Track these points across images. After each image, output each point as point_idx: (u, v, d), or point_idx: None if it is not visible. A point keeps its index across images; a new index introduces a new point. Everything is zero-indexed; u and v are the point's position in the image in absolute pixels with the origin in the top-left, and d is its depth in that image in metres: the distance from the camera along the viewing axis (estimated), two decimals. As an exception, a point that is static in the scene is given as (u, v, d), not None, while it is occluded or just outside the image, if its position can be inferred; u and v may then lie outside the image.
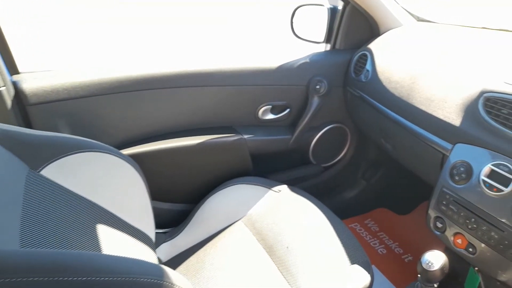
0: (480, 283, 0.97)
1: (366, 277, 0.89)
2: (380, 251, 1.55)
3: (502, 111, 0.84)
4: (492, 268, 0.83)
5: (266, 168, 1.52)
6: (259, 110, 1.38)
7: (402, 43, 1.28)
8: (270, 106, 1.40)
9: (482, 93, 0.90)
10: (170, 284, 0.54)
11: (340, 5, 1.41)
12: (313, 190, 1.58)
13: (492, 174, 0.82)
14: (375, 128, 1.32)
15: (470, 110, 0.92)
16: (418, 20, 1.45)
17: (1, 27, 1.03)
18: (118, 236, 0.88)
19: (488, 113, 0.87)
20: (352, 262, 0.93)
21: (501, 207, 0.80)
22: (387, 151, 1.32)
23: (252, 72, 1.32)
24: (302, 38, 1.53)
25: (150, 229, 1.00)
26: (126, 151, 1.18)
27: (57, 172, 0.83)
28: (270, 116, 1.42)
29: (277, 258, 0.97)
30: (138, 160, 1.07)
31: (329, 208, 1.14)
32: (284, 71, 1.36)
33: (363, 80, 1.31)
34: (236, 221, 1.12)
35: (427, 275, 0.74)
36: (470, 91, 0.93)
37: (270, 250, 0.99)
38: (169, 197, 1.32)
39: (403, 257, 1.51)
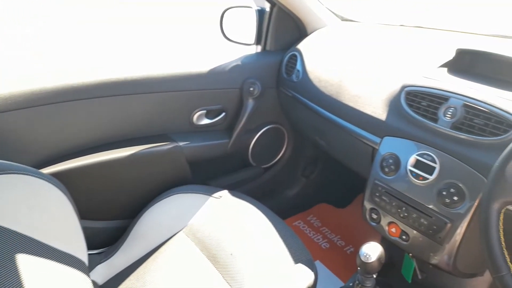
0: (415, 267, 1.02)
1: (310, 276, 0.90)
2: (324, 245, 1.59)
3: (422, 103, 0.90)
4: (425, 253, 0.88)
5: (205, 174, 1.48)
6: (193, 115, 1.34)
7: (328, 43, 1.32)
8: (205, 111, 1.36)
9: (403, 87, 0.95)
10: None
11: (267, 7, 1.42)
12: (255, 192, 1.57)
13: (417, 164, 0.87)
14: (310, 126, 1.35)
15: (394, 105, 0.96)
16: (342, 20, 1.51)
17: None
18: (45, 264, 0.80)
19: (410, 106, 0.92)
20: (296, 262, 0.93)
21: (427, 194, 0.85)
22: (322, 148, 1.35)
23: (183, 77, 1.27)
24: (233, 41, 1.52)
25: (81, 252, 0.92)
26: (48, 170, 1.08)
27: None
28: (206, 121, 1.38)
29: (222, 267, 0.94)
30: (63, 179, 0.98)
31: (272, 209, 1.13)
32: (216, 74, 1.33)
33: (295, 80, 1.32)
34: (177, 232, 1.07)
35: (366, 267, 0.77)
36: (393, 86, 0.98)
37: (214, 259, 0.96)
38: (102, 215, 1.23)
39: (345, 249, 1.57)
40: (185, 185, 1.20)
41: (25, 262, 0.74)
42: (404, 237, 0.91)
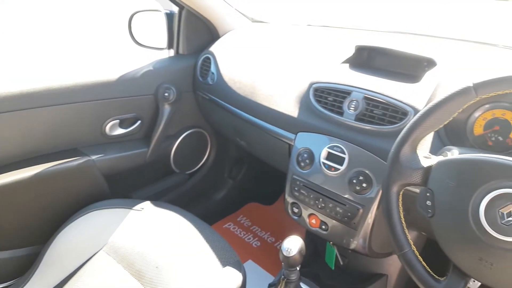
0: (336, 254, 1.08)
1: (238, 277, 0.89)
2: (255, 244, 1.60)
3: (329, 98, 0.94)
4: (343, 239, 0.93)
5: (126, 187, 1.41)
6: (105, 126, 1.27)
7: (240, 44, 1.33)
8: (118, 121, 1.29)
9: (311, 84, 0.99)
10: None
11: (177, 10, 1.39)
12: (181, 200, 1.53)
13: (329, 156, 0.91)
14: (229, 128, 1.35)
15: (304, 102, 1.00)
16: (253, 22, 1.53)
17: None
18: None
19: (318, 102, 0.96)
20: (224, 265, 0.93)
21: (340, 184, 0.89)
22: (244, 149, 1.36)
23: (91, 86, 1.19)
24: (144, 45, 1.46)
25: None
26: None
27: None
28: (120, 131, 1.31)
29: (148, 282, 0.90)
30: None
31: (200, 214, 1.11)
32: (127, 81, 1.27)
33: (210, 83, 1.31)
34: (96, 252, 1.00)
35: (289, 261, 0.78)
36: (302, 84, 1.02)
37: (139, 275, 0.92)
38: (7, 244, 1.10)
39: (275, 245, 1.60)
40: (102, 201, 1.12)
41: None
42: (323, 227, 0.95)
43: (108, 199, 1.15)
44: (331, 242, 1.06)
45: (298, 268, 0.82)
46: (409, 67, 0.94)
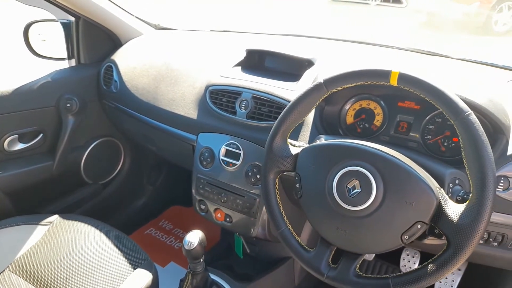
0: (243, 243, 1.16)
1: (148, 276, 0.93)
2: (177, 245, 1.63)
3: (223, 99, 1.02)
4: (246, 228, 1.01)
5: (33, 203, 1.35)
6: (3, 142, 1.21)
7: (142, 51, 1.36)
8: (17, 135, 1.24)
9: (207, 87, 1.06)
10: None
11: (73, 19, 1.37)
12: (97, 211, 1.51)
13: (227, 153, 0.99)
14: (138, 134, 1.37)
15: (202, 104, 1.07)
16: (156, 28, 1.56)
17: None
18: None
19: (214, 103, 1.04)
20: (134, 268, 0.95)
21: (238, 177, 0.97)
22: (155, 153, 1.39)
23: None
24: (43, 56, 1.41)
25: None
26: None
27: None
28: (20, 146, 1.26)
29: None
30: None
31: (120, 222, 1.12)
32: (25, 93, 1.23)
33: (114, 91, 1.32)
34: (1, 272, 0.97)
35: (191, 254, 0.84)
36: (200, 87, 1.09)
37: None
38: None
39: (197, 244, 1.64)
40: (5, 219, 1.08)
41: None
42: (228, 219, 1.03)
43: (12, 216, 1.11)
44: (237, 233, 1.13)
45: (202, 260, 0.88)
46: (293, 67, 1.05)
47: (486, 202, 0.54)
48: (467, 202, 0.57)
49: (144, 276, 0.93)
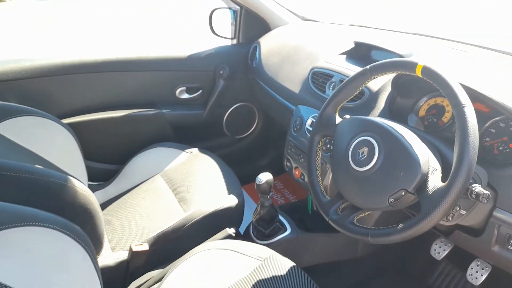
0: (312, 200, 1.37)
1: (235, 199, 1.25)
2: (280, 201, 1.95)
3: (319, 80, 1.25)
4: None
5: (185, 137, 1.87)
6: (176, 90, 1.74)
7: (283, 36, 1.68)
8: (185, 88, 1.76)
9: (311, 69, 1.30)
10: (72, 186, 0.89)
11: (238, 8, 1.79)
12: (227, 158, 1.95)
13: (312, 123, 1.22)
14: (264, 102, 1.71)
15: (305, 82, 1.32)
16: (303, 20, 1.85)
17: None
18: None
19: (313, 82, 1.27)
20: (229, 193, 1.29)
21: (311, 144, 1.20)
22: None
23: (168, 60, 1.67)
24: (219, 35, 1.89)
25: (83, 179, 1.34)
26: (66, 120, 1.51)
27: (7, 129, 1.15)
28: (186, 96, 1.78)
29: (179, 195, 1.32)
30: (75, 127, 1.39)
31: (243, 173, 1.47)
32: (194, 59, 1.72)
33: (254, 66, 1.69)
34: (155, 175, 1.47)
35: (260, 188, 1.12)
36: (307, 68, 1.34)
37: (175, 191, 1.35)
38: (101, 158, 1.65)
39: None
40: (165, 142, 1.60)
41: None
42: (302, 177, 1.26)
43: (172, 142, 1.62)
44: (309, 191, 1.35)
45: (269, 197, 1.15)
46: None
47: (454, 186, 0.64)
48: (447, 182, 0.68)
49: (235, 198, 1.25)
